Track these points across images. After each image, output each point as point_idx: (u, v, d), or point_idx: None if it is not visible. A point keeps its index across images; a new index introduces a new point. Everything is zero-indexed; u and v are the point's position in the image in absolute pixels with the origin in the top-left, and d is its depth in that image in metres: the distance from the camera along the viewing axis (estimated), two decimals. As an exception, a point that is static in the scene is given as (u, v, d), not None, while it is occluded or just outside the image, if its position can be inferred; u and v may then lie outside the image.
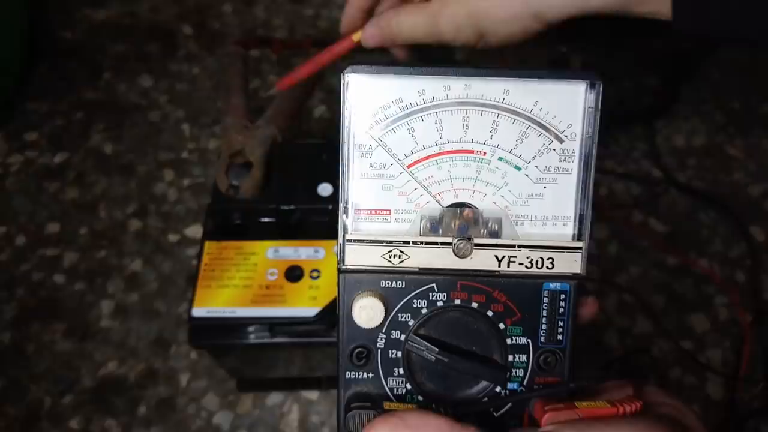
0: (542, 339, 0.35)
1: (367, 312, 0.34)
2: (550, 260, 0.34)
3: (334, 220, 0.35)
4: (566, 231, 0.34)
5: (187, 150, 0.87)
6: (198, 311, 0.55)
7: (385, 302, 0.34)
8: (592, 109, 0.33)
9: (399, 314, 0.34)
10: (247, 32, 1.01)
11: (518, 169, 0.34)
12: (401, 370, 0.35)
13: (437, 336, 0.35)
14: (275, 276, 0.57)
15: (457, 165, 0.34)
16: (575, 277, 0.34)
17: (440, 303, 0.34)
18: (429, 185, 0.34)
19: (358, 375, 0.35)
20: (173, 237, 0.79)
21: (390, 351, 0.35)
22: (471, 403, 0.35)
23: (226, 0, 1.06)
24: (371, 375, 0.35)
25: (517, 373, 0.35)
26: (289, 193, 0.62)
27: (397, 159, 0.33)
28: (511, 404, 0.35)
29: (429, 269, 0.34)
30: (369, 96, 0.33)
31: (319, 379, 0.67)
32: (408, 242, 0.34)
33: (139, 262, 0.77)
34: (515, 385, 0.35)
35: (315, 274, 0.57)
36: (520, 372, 0.35)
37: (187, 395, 0.67)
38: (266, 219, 0.61)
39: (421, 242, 0.34)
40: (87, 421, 0.65)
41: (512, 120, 0.33)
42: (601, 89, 0.33)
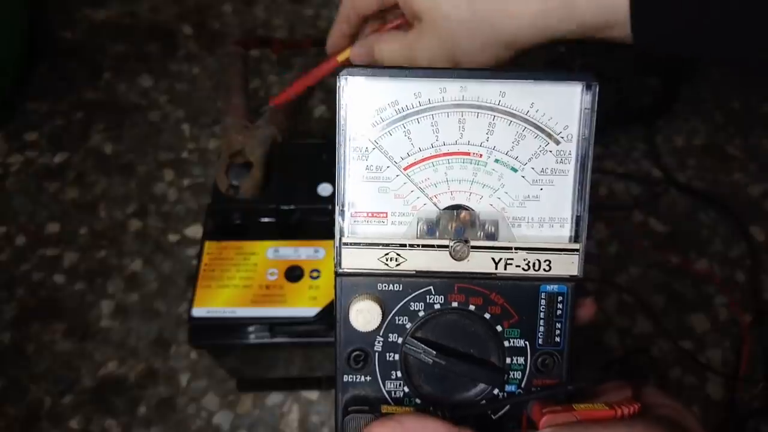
0: (540, 341, 0.35)
1: (364, 315, 0.34)
2: (547, 262, 0.34)
3: (334, 220, 0.35)
4: (563, 233, 0.34)
5: (187, 150, 0.87)
6: (198, 311, 0.55)
7: (383, 305, 0.34)
8: (589, 111, 0.33)
9: (396, 317, 0.34)
10: (247, 32, 1.01)
11: (515, 171, 0.34)
12: (399, 373, 0.35)
13: (435, 339, 0.35)
14: (275, 276, 0.57)
15: (454, 167, 0.33)
16: (572, 279, 0.34)
17: (437, 306, 0.34)
18: (425, 188, 0.34)
19: (356, 378, 0.35)
20: (173, 237, 0.79)
21: (387, 354, 0.35)
22: (469, 406, 0.35)
23: (226, 0, 1.06)
24: (369, 378, 0.35)
25: (515, 376, 0.35)
26: (289, 193, 0.62)
27: (394, 161, 0.33)
28: (509, 407, 0.35)
29: (426, 272, 0.34)
30: (365, 98, 0.33)
31: (319, 379, 0.67)
32: (405, 245, 0.34)
33: (139, 262, 0.77)
34: (513, 388, 0.35)
35: (315, 274, 0.57)
36: (518, 374, 0.35)
37: (187, 395, 0.67)
38: (266, 219, 0.62)
39: (418, 245, 0.34)
40: (87, 421, 0.65)
41: (508, 122, 0.33)
42: (597, 90, 0.33)
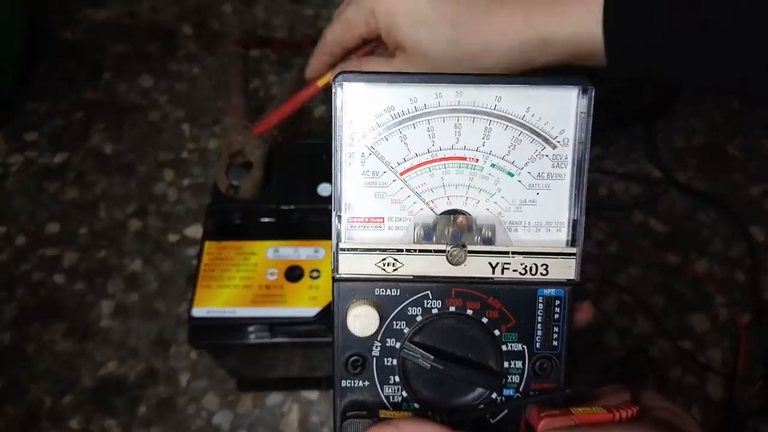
0: (537, 345, 0.35)
1: (362, 320, 0.34)
2: (544, 266, 0.34)
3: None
4: (560, 237, 0.34)
5: (187, 150, 0.87)
6: (198, 311, 0.55)
7: (380, 310, 0.34)
8: (585, 115, 0.33)
9: (394, 322, 0.34)
10: (247, 32, 1.01)
11: (511, 176, 0.34)
12: (397, 378, 0.35)
13: (432, 343, 0.35)
14: (275, 276, 0.57)
15: (450, 172, 0.33)
16: (570, 283, 0.34)
17: (435, 310, 0.34)
18: (422, 192, 0.34)
19: (354, 383, 0.35)
20: (173, 237, 0.79)
21: (385, 359, 0.35)
22: (467, 410, 0.35)
23: (226, 0, 1.06)
24: (367, 383, 0.35)
25: (513, 380, 0.35)
26: (289, 193, 0.62)
27: (390, 167, 0.33)
28: (507, 411, 0.35)
29: (423, 277, 0.34)
30: (361, 104, 0.33)
31: (319, 379, 0.67)
32: (402, 250, 0.34)
33: (139, 262, 0.77)
34: (511, 392, 0.35)
35: (315, 274, 0.57)
36: (516, 378, 0.35)
37: (187, 395, 0.67)
38: (266, 219, 0.62)
39: (415, 250, 0.34)
40: (87, 421, 0.65)
41: (504, 126, 0.33)
42: (593, 95, 0.33)
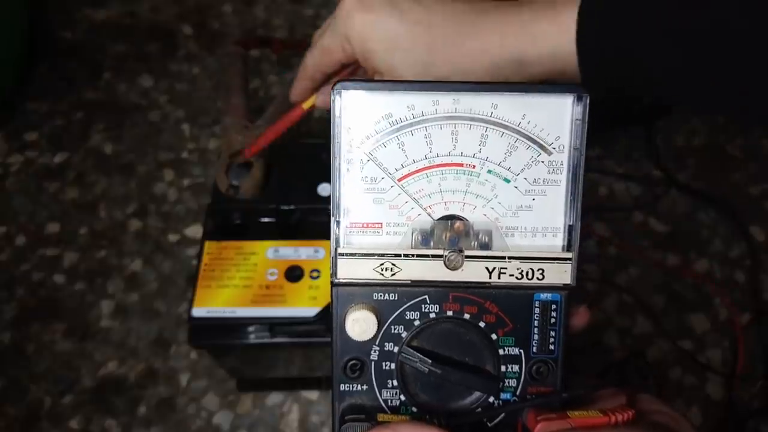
0: (534, 349, 0.35)
1: (360, 325, 0.34)
2: (541, 271, 0.34)
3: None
4: (556, 242, 0.34)
5: (187, 150, 0.88)
6: (198, 311, 0.55)
7: (378, 315, 0.34)
8: (580, 122, 0.33)
9: (392, 326, 0.34)
10: (247, 32, 1.01)
11: (507, 182, 0.34)
12: (395, 382, 0.35)
13: (430, 347, 0.35)
14: (275, 276, 0.57)
15: (447, 178, 0.34)
16: (566, 288, 0.34)
17: (433, 315, 0.34)
18: (420, 198, 0.34)
19: (352, 387, 0.35)
20: (173, 237, 0.79)
21: (384, 363, 0.35)
22: (464, 414, 0.35)
23: (226, 0, 1.06)
24: (365, 387, 0.35)
25: (510, 384, 0.35)
26: (289, 193, 0.62)
27: (388, 173, 0.33)
28: (504, 414, 0.35)
29: (421, 281, 0.34)
30: (359, 111, 0.33)
31: (319, 379, 0.67)
32: (400, 255, 0.34)
33: (139, 262, 0.77)
34: (508, 396, 0.35)
35: (315, 274, 0.57)
36: (513, 382, 0.35)
37: (187, 395, 0.67)
38: (266, 219, 0.62)
39: (413, 255, 0.34)
40: (87, 421, 0.66)
41: (501, 133, 0.33)
42: (588, 102, 0.33)
